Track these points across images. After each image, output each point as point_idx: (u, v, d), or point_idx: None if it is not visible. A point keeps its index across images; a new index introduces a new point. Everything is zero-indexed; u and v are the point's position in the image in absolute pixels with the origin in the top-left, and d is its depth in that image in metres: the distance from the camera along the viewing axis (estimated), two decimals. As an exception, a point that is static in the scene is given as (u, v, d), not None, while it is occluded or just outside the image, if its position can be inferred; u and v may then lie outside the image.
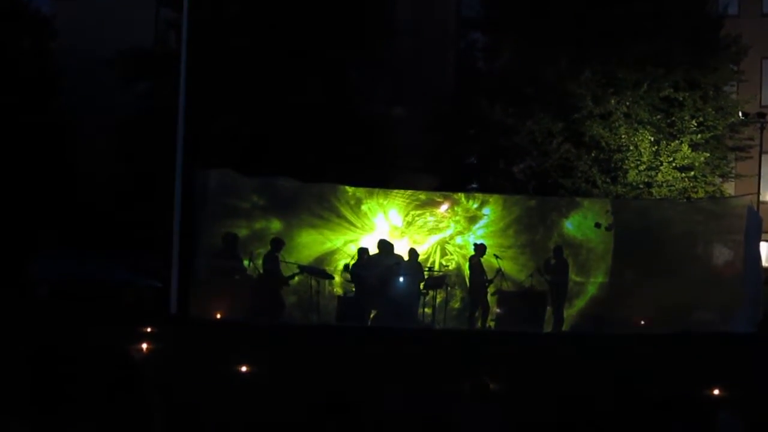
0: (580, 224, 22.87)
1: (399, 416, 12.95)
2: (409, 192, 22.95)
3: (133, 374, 14.20)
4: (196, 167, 21.41)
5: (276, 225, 21.92)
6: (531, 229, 22.83)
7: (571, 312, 22.23)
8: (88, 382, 13.37)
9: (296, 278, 21.35)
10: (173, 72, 23.36)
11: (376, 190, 22.69)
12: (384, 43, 31.78)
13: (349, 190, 22.46)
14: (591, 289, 22.48)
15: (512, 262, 22.41)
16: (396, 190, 22.98)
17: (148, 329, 17.42)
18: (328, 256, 22.21)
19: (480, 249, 21.95)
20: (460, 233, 22.80)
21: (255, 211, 22.02)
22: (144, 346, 16.08)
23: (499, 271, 21.70)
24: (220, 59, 28.56)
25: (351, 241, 22.24)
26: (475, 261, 21.91)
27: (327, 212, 22.21)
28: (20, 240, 27.70)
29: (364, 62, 31.66)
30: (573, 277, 22.26)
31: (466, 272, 22.22)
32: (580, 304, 22.40)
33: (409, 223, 22.71)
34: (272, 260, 21.12)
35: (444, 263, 22.62)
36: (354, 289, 21.71)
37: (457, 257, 22.71)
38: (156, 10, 33.79)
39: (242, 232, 21.59)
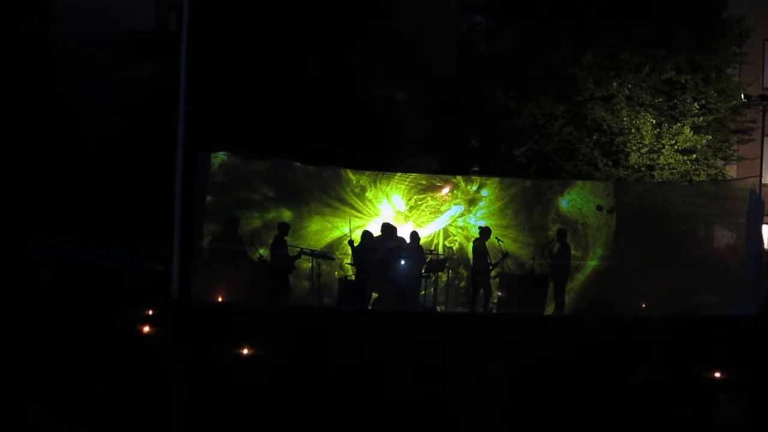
0: (575, 202, 23.02)
1: (400, 399, 12.96)
2: (410, 177, 23.05)
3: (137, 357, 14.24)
4: (197, 150, 21.36)
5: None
6: (528, 209, 23.06)
7: (572, 286, 22.29)
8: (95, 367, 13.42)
9: (307, 264, 21.44)
10: (174, 54, 23.29)
11: (379, 176, 22.81)
12: (385, 26, 31.69)
13: (353, 177, 22.60)
14: (591, 263, 22.55)
15: (512, 240, 22.59)
16: (397, 176, 23.05)
17: (150, 312, 17.46)
18: (338, 242, 22.38)
19: (485, 232, 22.02)
20: (462, 215, 22.95)
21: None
22: (146, 329, 16.12)
23: (505, 254, 21.79)
24: (221, 41, 28.48)
25: (358, 227, 22.40)
26: (479, 243, 21.97)
27: (334, 200, 22.48)
28: (20, 223, 27.67)
29: (365, 45, 31.57)
30: (572, 252, 22.36)
31: (470, 254, 22.31)
32: (581, 278, 22.48)
33: (412, 208, 22.83)
34: (280, 245, 21.23)
35: (447, 245, 22.76)
36: (356, 272, 21.80)
37: (460, 238, 22.85)
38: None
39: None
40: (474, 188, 23.14)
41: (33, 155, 29.24)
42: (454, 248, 22.76)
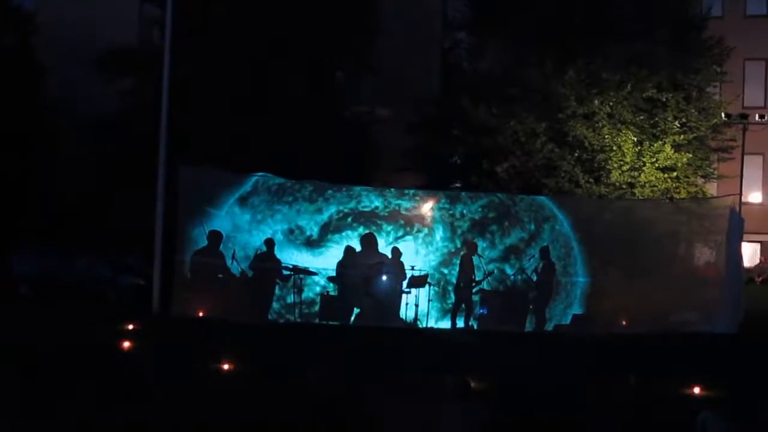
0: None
1: (380, 415, 12.97)
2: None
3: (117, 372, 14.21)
4: (178, 164, 21.36)
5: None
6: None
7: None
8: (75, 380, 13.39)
9: (289, 279, 21.52)
10: (157, 69, 23.30)
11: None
12: (369, 44, 31.79)
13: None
14: (567, 278, 22.70)
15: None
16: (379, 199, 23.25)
17: (131, 327, 17.42)
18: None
19: (471, 246, 22.11)
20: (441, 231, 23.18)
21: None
22: (126, 344, 16.07)
23: (490, 272, 21.92)
24: (204, 57, 28.51)
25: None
26: (467, 259, 22.04)
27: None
28: (1, 237, 27.57)
29: (349, 62, 31.67)
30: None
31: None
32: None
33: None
34: (263, 259, 21.27)
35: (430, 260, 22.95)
36: (338, 288, 21.85)
37: (441, 253, 22.98)
38: (140, 7, 33.74)
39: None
40: (448, 204, 23.32)
41: (13, 168, 29.14)
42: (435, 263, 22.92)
